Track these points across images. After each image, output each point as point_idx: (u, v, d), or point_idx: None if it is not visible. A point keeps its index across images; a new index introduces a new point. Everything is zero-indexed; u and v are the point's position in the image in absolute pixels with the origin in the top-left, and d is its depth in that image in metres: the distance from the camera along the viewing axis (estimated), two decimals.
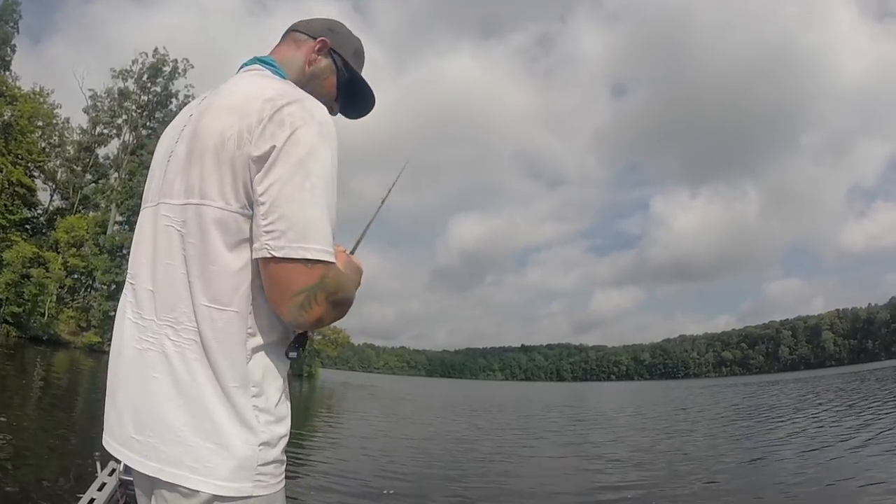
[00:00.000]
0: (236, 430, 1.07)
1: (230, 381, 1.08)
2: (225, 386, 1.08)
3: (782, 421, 16.77)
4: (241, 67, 1.34)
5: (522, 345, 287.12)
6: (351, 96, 1.47)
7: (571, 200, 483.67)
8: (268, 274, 1.09)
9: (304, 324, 1.12)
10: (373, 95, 1.49)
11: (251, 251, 1.11)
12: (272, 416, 1.12)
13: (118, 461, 3.64)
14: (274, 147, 1.08)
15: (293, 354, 1.20)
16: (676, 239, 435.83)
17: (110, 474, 3.67)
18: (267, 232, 1.07)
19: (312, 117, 1.12)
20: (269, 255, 1.07)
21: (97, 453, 3.79)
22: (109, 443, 1.18)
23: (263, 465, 1.09)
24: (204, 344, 1.09)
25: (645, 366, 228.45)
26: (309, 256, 1.07)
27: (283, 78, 1.28)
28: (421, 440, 13.60)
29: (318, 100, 1.32)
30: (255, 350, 1.12)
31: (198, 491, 1.05)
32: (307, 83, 1.35)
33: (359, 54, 1.47)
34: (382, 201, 1.61)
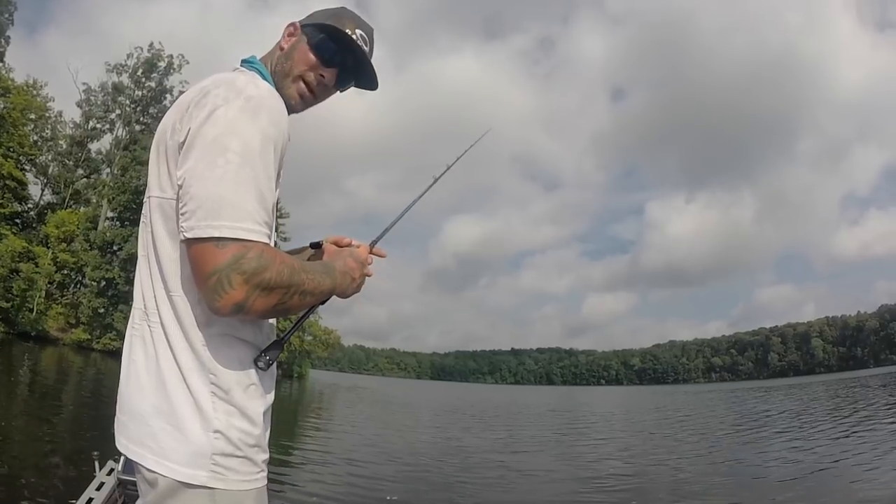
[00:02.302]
0: (191, 414, 1.08)
1: (188, 363, 1.09)
2: (183, 368, 1.09)
3: (777, 427, 16.83)
4: None
5: (513, 348, 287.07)
6: (334, 56, 1.31)
7: (568, 204, 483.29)
8: (188, 258, 1.07)
9: (221, 309, 1.03)
10: (357, 46, 1.31)
11: None
12: (232, 407, 1.10)
13: (116, 461, 3.62)
14: (191, 129, 1.07)
15: (261, 366, 1.14)
16: (671, 244, 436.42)
17: (108, 474, 3.64)
18: (181, 214, 1.06)
19: (239, 94, 1.09)
20: (183, 238, 1.06)
21: (95, 453, 3.78)
22: (116, 420, 1.24)
23: (222, 455, 1.08)
24: (165, 327, 1.12)
25: (635, 371, 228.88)
26: (217, 235, 1.01)
27: (259, 72, 1.26)
28: (416, 445, 13.52)
29: (301, 75, 1.31)
30: (213, 337, 1.11)
31: (155, 472, 1.07)
32: (282, 66, 1.30)
33: (339, 16, 1.32)
34: (435, 179, 1.61)
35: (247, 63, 1.30)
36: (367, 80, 1.40)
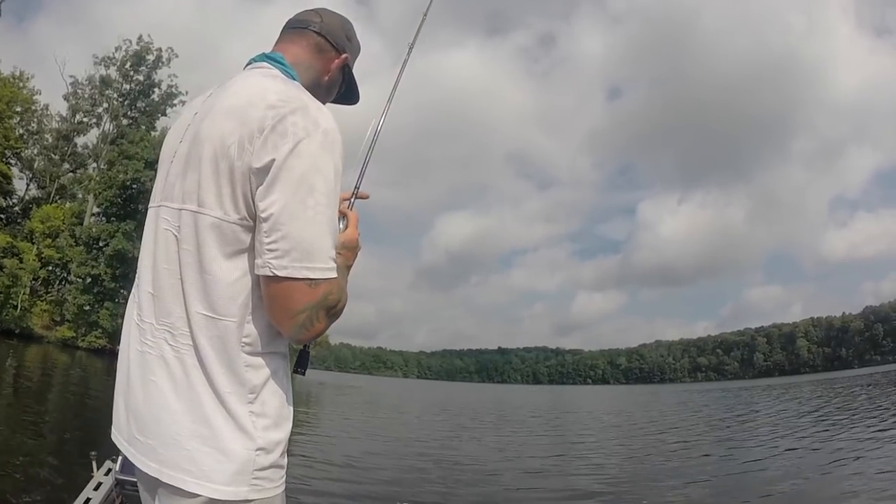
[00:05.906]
0: (233, 435, 1.09)
1: (226, 387, 1.09)
2: (221, 392, 1.09)
3: (766, 425, 16.99)
4: (249, 63, 1.30)
5: (499, 347, 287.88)
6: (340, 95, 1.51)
7: (561, 202, 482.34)
8: (269, 292, 1.10)
9: (304, 340, 1.16)
10: (358, 96, 1.53)
11: (249, 261, 1.11)
12: (270, 421, 1.13)
13: (114, 461, 3.58)
14: (275, 160, 1.07)
15: (301, 371, 1.30)
16: (663, 243, 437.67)
17: (106, 474, 3.61)
18: (270, 250, 1.07)
19: (317, 126, 1.11)
20: (271, 274, 1.07)
21: (93, 452, 3.75)
22: (117, 437, 1.21)
23: (261, 469, 1.10)
24: (199, 351, 1.10)
25: (621, 370, 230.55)
26: (312, 276, 1.08)
27: (293, 79, 1.25)
28: (418, 447, 13.36)
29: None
30: (253, 357, 1.12)
31: (195, 494, 1.07)
32: (319, 92, 1.34)
33: (356, 48, 1.48)
34: (410, 46, 1.69)
35: (279, 64, 1.27)
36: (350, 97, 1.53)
